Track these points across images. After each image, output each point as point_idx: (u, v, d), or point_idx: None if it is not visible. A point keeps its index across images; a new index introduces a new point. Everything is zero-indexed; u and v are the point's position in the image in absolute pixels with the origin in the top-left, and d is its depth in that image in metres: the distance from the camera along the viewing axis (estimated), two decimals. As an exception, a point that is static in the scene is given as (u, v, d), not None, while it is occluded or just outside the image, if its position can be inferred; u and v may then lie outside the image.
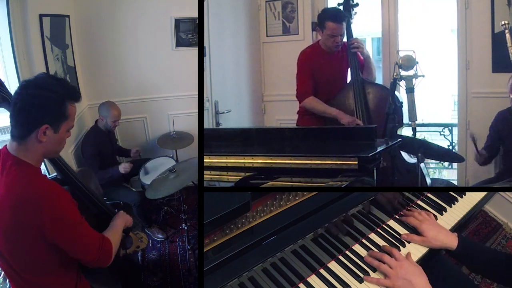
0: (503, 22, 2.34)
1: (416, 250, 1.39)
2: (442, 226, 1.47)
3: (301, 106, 2.65)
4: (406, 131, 2.39)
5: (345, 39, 2.63)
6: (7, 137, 1.30)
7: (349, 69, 2.67)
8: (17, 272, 1.32)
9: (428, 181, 2.32)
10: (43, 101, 1.22)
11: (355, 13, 2.60)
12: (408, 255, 1.33)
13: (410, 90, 1.94)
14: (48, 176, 1.69)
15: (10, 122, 1.25)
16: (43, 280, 1.35)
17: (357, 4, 2.58)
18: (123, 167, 2.97)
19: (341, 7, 2.57)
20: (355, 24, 2.65)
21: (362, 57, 2.61)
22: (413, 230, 1.47)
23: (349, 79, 2.72)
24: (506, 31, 2.32)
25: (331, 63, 2.63)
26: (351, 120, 2.45)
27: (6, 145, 1.29)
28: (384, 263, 1.28)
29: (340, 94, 2.61)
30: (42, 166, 2.45)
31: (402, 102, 2.29)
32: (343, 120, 2.46)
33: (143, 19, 3.36)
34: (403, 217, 1.50)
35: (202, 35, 3.03)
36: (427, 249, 1.40)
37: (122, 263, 1.90)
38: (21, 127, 1.24)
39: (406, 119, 2.32)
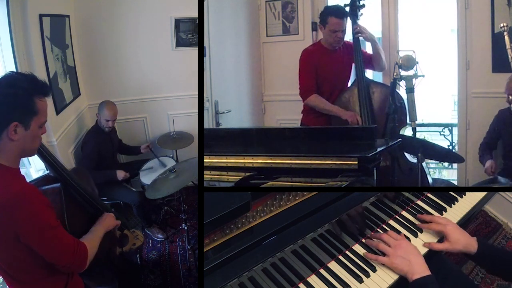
0: (502, 25, 2.34)
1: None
2: (462, 229, 1.43)
3: (304, 104, 2.66)
4: (406, 131, 2.40)
5: (347, 39, 2.64)
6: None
7: (353, 68, 2.68)
8: (5, 271, 1.33)
9: (430, 180, 2.32)
10: (9, 99, 1.21)
11: (361, 14, 2.61)
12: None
13: (410, 90, 1.95)
14: (43, 173, 1.67)
15: None
16: (31, 277, 1.35)
17: (363, 5, 2.59)
18: (123, 175, 2.97)
19: (347, 8, 2.58)
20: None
21: (367, 41, 2.62)
22: (413, 231, 1.47)
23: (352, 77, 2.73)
24: (505, 33, 2.33)
25: (333, 61, 2.64)
26: (350, 115, 2.49)
27: None
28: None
29: (345, 93, 2.63)
30: (41, 165, 2.48)
31: (402, 102, 2.29)
32: (343, 116, 2.50)
33: (143, 19, 3.36)
34: (424, 225, 1.46)
35: (202, 35, 3.03)
36: (427, 249, 1.40)
37: (119, 261, 1.90)
38: None
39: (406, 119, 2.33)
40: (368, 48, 2.75)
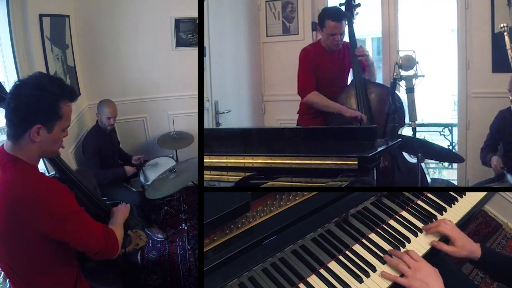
0: (502, 25, 2.34)
1: (417, 250, 1.39)
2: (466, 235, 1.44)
3: (303, 102, 2.65)
4: (406, 131, 2.39)
5: (346, 39, 2.63)
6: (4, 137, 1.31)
7: (351, 69, 2.68)
8: (15, 272, 1.32)
9: (429, 180, 2.32)
10: (35, 100, 1.21)
11: (357, 13, 2.60)
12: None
13: (410, 90, 1.94)
14: (47, 175, 1.68)
15: (5, 121, 1.25)
16: (42, 279, 1.35)
17: (359, 5, 2.57)
18: (131, 170, 3.02)
19: (342, 7, 2.58)
20: (355, 24, 2.65)
21: (367, 63, 2.61)
22: (413, 231, 1.47)
23: (350, 78, 2.72)
24: (505, 33, 2.33)
25: (332, 62, 2.63)
26: (354, 114, 2.44)
27: (3, 144, 1.29)
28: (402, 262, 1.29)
29: (342, 94, 2.61)
30: (42, 166, 2.48)
31: (402, 102, 2.29)
32: (346, 114, 2.45)
33: (143, 19, 3.36)
34: (431, 228, 1.45)
35: (202, 35, 3.03)
36: (426, 249, 1.40)
37: (122, 262, 1.90)
38: (14, 127, 1.24)
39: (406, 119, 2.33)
40: (367, 46, 2.74)
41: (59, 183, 1.31)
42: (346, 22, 2.55)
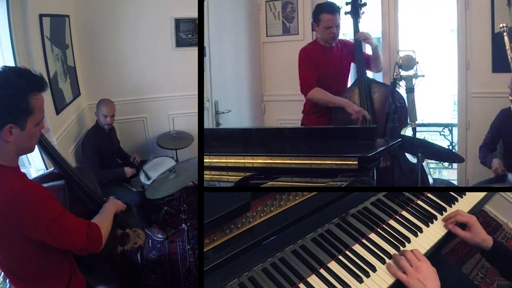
0: (501, 25, 2.34)
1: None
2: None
3: (307, 100, 2.65)
4: (406, 131, 2.40)
5: (342, 37, 2.64)
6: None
7: (352, 66, 2.68)
8: (9, 269, 1.33)
9: (430, 180, 2.32)
10: (1, 100, 1.16)
11: (363, 12, 2.61)
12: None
13: (410, 90, 1.94)
14: (46, 170, 1.68)
15: None
16: (35, 275, 1.35)
17: (365, 4, 2.60)
18: (131, 171, 3.02)
19: (349, 7, 2.59)
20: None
21: (371, 47, 2.63)
22: (413, 231, 1.47)
23: (352, 75, 2.72)
24: (505, 33, 2.33)
25: (331, 59, 2.64)
26: (358, 109, 2.44)
27: None
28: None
29: (345, 92, 2.61)
30: (39, 162, 2.48)
31: (403, 102, 2.29)
32: (350, 109, 2.45)
33: (143, 19, 3.36)
34: (450, 217, 1.50)
35: (202, 35, 3.03)
36: (426, 249, 1.40)
37: (120, 260, 1.90)
38: None
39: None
40: (367, 46, 2.75)
41: (41, 187, 1.28)
42: (341, 15, 2.56)
